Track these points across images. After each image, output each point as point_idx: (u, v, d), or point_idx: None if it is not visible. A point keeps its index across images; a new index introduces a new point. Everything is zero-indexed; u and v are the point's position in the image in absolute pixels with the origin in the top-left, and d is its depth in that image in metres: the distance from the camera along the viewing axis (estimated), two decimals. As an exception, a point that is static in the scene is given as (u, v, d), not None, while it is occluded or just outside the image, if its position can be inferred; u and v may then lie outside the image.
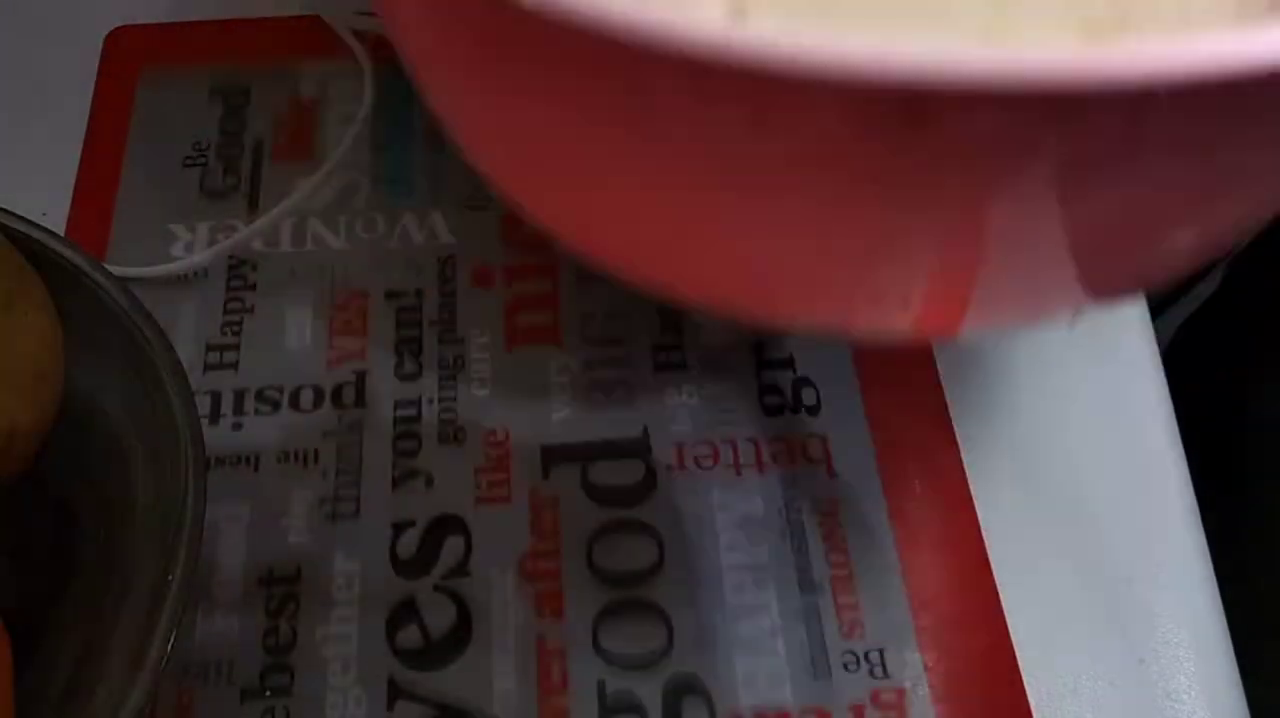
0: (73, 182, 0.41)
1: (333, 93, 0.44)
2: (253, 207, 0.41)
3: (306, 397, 0.38)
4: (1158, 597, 0.35)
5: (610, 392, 0.38)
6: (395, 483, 0.36)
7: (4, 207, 0.32)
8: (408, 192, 0.42)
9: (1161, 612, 0.35)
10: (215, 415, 0.37)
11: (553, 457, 0.37)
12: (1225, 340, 0.75)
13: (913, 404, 0.38)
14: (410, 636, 0.34)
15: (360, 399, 0.38)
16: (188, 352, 0.38)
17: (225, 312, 0.39)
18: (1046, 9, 0.18)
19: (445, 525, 0.36)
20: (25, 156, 0.42)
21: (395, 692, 0.33)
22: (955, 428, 0.38)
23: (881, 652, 0.34)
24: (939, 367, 0.39)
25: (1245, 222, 0.18)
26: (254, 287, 0.40)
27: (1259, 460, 0.57)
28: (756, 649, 0.34)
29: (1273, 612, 0.50)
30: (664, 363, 0.39)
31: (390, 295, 0.40)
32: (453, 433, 0.37)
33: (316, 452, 0.37)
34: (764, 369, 0.39)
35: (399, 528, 0.35)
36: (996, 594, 0.35)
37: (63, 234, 0.35)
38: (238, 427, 0.37)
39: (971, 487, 0.36)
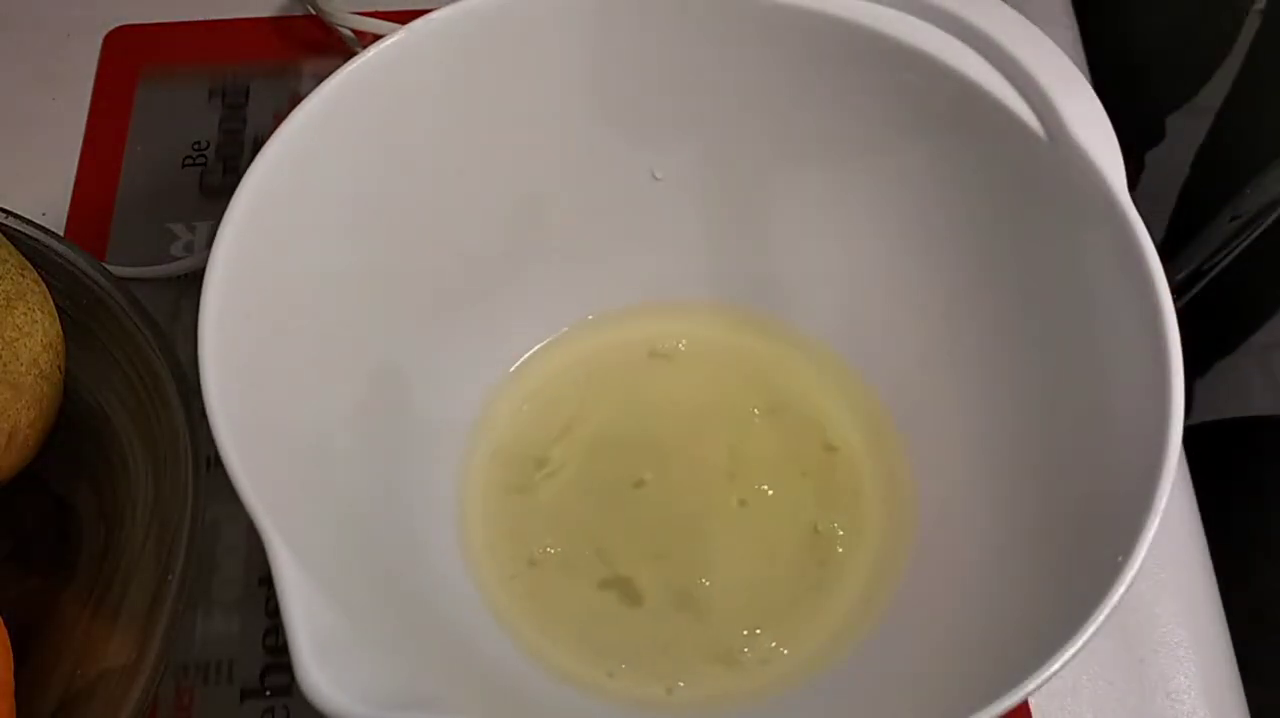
0: (73, 181, 0.41)
1: (333, 93, 0.44)
2: (253, 206, 0.41)
3: (306, 397, 0.38)
4: (1158, 597, 0.35)
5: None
6: (395, 483, 0.36)
7: (4, 207, 0.32)
8: (408, 191, 0.42)
9: (1161, 612, 0.35)
10: (215, 415, 0.37)
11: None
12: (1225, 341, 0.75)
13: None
14: (410, 636, 0.34)
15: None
16: (188, 352, 0.38)
17: (225, 312, 0.39)
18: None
19: (445, 525, 0.35)
20: (25, 156, 0.42)
21: (395, 692, 0.33)
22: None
23: (881, 651, 0.34)
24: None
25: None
26: (254, 287, 0.40)
27: (1260, 461, 0.57)
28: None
29: (1273, 612, 0.50)
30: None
31: (390, 295, 0.40)
32: (452, 433, 0.37)
33: (316, 452, 0.36)
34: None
35: (399, 528, 0.35)
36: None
37: (63, 234, 0.35)
38: (238, 427, 0.37)
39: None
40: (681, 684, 0.32)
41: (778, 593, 0.33)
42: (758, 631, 0.32)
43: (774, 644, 0.32)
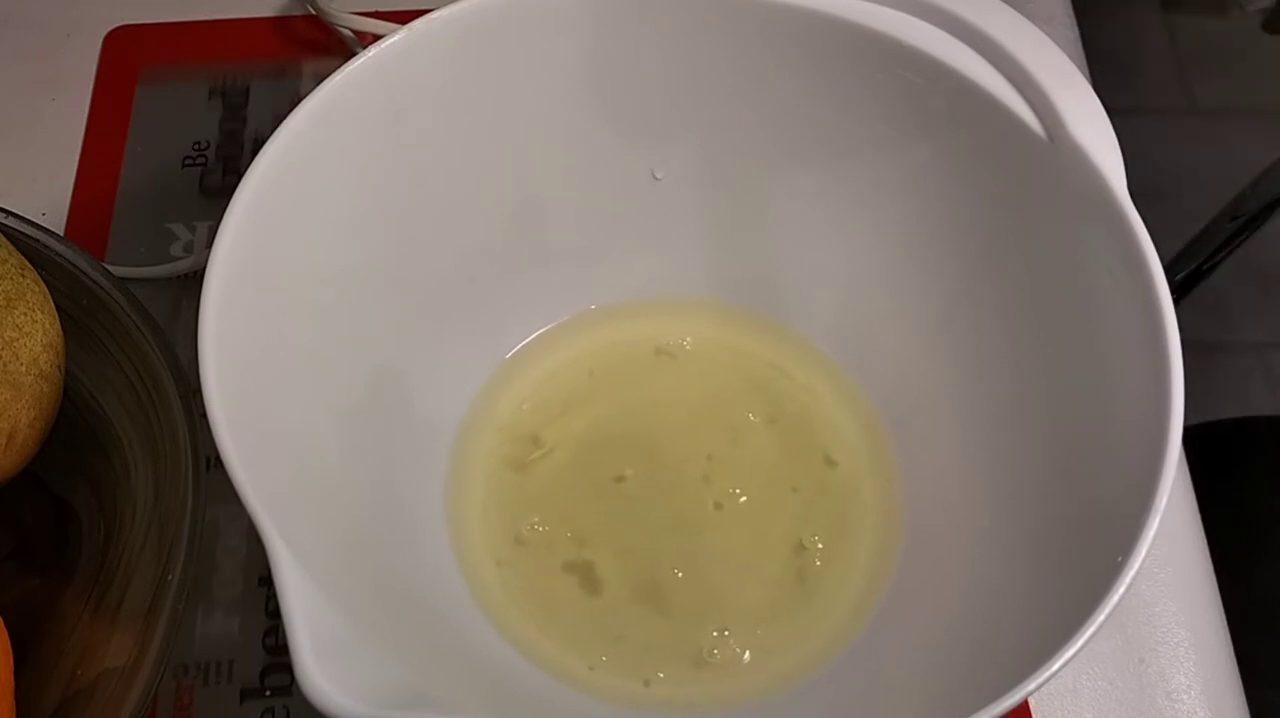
0: (73, 182, 0.41)
1: (333, 93, 0.44)
2: (253, 206, 0.41)
3: (306, 397, 0.38)
4: (1158, 597, 0.35)
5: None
6: (395, 483, 0.36)
7: (4, 207, 0.32)
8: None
9: (1161, 612, 0.35)
10: (215, 415, 0.37)
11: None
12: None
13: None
14: (410, 635, 0.34)
15: (360, 399, 0.38)
16: (188, 352, 0.38)
17: (225, 312, 0.39)
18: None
19: (445, 525, 0.35)
20: (25, 156, 0.42)
21: (395, 692, 0.33)
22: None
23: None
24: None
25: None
26: (254, 287, 0.40)
27: (1259, 461, 0.57)
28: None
29: (1273, 612, 0.50)
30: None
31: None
32: (453, 433, 0.37)
33: (316, 452, 0.36)
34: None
35: (399, 528, 0.35)
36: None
37: (63, 234, 0.35)
38: (238, 427, 0.37)
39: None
40: (661, 676, 0.32)
41: (752, 600, 0.33)
42: (726, 633, 0.32)
43: (740, 650, 0.32)
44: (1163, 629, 0.34)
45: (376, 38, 0.44)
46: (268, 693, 0.33)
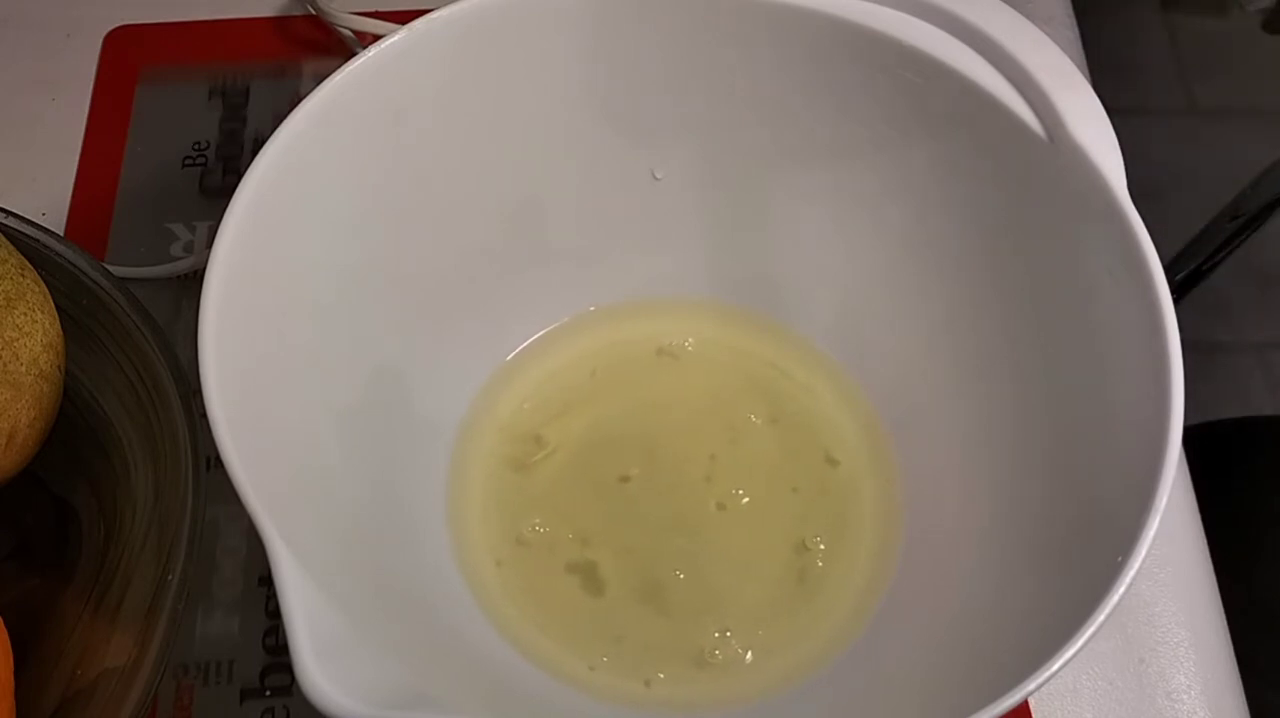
0: (73, 182, 0.41)
1: (333, 93, 0.44)
2: (253, 206, 0.41)
3: (306, 397, 0.38)
4: (1158, 597, 0.35)
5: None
6: (395, 483, 0.36)
7: (4, 207, 0.32)
8: (408, 191, 0.42)
9: (1161, 612, 0.35)
10: (215, 415, 0.37)
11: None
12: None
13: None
14: (410, 636, 0.34)
15: (360, 399, 0.38)
16: (188, 352, 0.38)
17: (225, 312, 0.39)
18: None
19: (445, 525, 0.35)
20: (25, 156, 0.42)
21: (395, 692, 0.33)
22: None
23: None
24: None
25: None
26: (254, 287, 0.40)
27: (1259, 461, 0.57)
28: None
29: (1273, 612, 0.50)
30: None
31: (390, 295, 0.40)
32: (453, 433, 0.37)
33: (316, 452, 0.36)
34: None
35: (399, 528, 0.35)
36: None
37: (63, 234, 0.35)
38: (238, 427, 0.37)
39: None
40: (662, 676, 0.32)
41: (752, 600, 0.33)
42: (728, 633, 0.32)
43: (741, 650, 0.32)
44: (1163, 629, 0.34)
45: (376, 38, 0.44)
46: (268, 693, 0.33)
